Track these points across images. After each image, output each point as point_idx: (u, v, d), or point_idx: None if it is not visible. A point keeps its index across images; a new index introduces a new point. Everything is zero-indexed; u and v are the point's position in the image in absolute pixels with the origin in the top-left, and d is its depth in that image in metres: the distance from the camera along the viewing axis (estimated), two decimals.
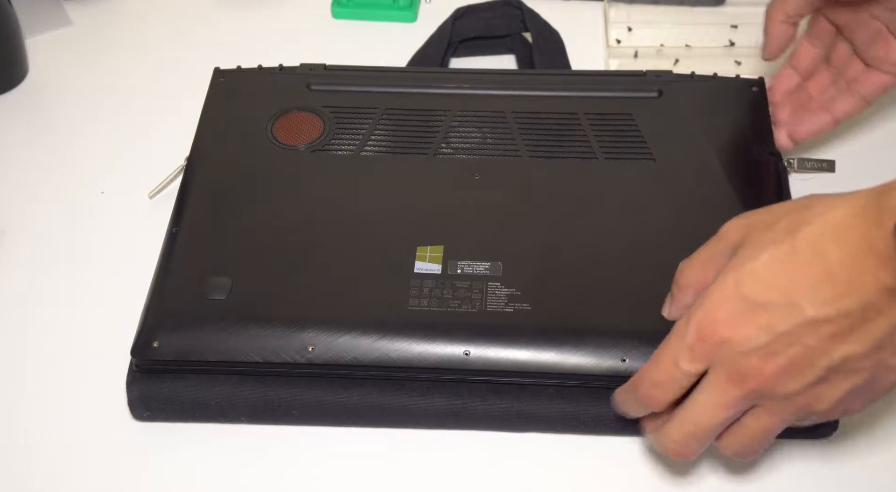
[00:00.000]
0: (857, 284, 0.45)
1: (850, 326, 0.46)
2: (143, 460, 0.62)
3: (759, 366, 0.47)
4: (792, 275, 0.46)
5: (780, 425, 0.51)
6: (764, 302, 0.47)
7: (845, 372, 0.47)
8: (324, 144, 0.73)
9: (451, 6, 0.87)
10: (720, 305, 0.48)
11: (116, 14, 0.93)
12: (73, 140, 0.82)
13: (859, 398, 0.49)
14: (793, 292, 0.46)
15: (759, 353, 0.47)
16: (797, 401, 0.49)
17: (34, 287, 0.71)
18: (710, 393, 0.49)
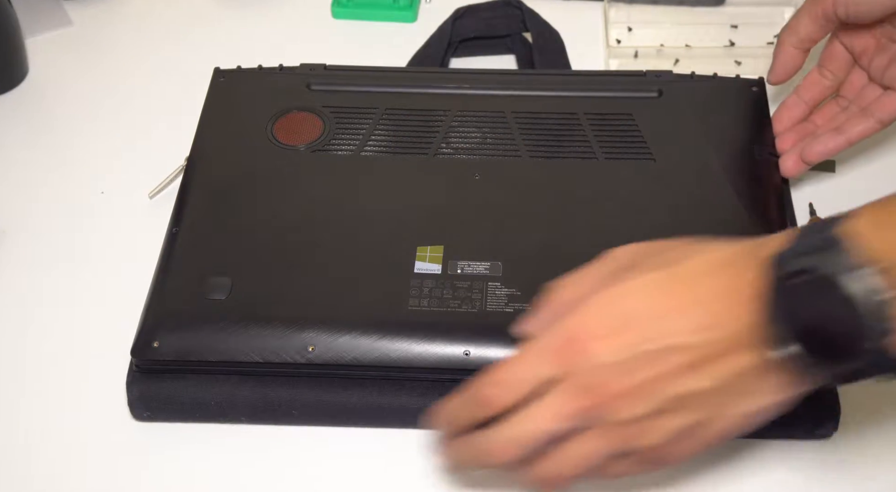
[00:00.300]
0: (724, 319, 0.46)
1: (706, 358, 0.46)
2: (143, 460, 0.62)
3: (608, 382, 0.47)
4: (667, 300, 0.47)
5: (600, 455, 0.49)
6: (636, 320, 0.47)
7: (685, 407, 0.48)
8: (324, 144, 0.73)
9: (451, 6, 0.87)
10: (595, 315, 0.48)
11: (116, 14, 0.93)
12: (73, 140, 0.82)
13: (686, 441, 0.49)
14: (665, 317, 0.47)
15: (613, 369, 0.47)
16: (629, 429, 0.48)
17: (34, 287, 0.71)
18: (550, 401, 0.48)
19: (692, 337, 0.46)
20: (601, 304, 0.48)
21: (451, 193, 0.69)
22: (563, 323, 0.49)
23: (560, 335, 0.48)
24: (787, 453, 0.61)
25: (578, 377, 0.48)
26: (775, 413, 0.49)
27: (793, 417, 0.60)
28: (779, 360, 0.46)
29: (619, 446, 0.49)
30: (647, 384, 0.47)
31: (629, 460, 0.50)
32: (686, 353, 0.46)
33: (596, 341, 0.47)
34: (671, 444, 0.49)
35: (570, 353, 0.48)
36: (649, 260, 0.49)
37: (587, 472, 0.50)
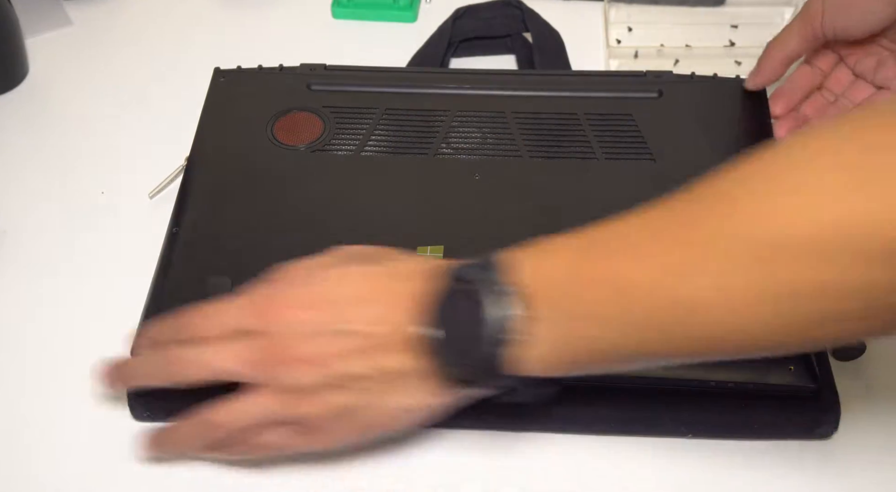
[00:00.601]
0: (394, 318, 0.51)
1: (373, 348, 0.51)
2: (144, 460, 0.62)
3: (289, 346, 0.52)
4: (359, 292, 0.53)
5: (264, 412, 0.53)
6: (329, 302, 0.52)
7: (346, 388, 0.52)
8: (324, 144, 0.73)
9: (451, 6, 0.87)
10: (300, 287, 0.54)
11: (116, 14, 0.93)
12: (73, 140, 0.82)
13: (344, 422, 0.53)
14: (352, 305, 0.52)
15: (297, 337, 0.52)
16: (294, 396, 0.52)
17: (34, 287, 0.71)
18: (237, 345, 0.53)
19: (366, 327, 0.52)
20: (308, 281, 0.54)
21: (452, 193, 0.69)
22: (273, 287, 0.54)
23: (266, 296, 0.54)
24: (787, 453, 0.61)
25: (267, 336, 0.53)
26: (434, 414, 0.54)
27: (793, 417, 0.61)
28: (428, 363, 0.51)
29: (282, 409, 0.53)
30: (319, 358, 0.52)
31: (288, 430, 0.54)
32: (358, 339, 0.51)
33: (292, 310, 0.53)
34: (329, 420, 0.53)
35: (268, 313, 0.53)
36: (364, 257, 0.55)
37: (248, 426, 0.54)
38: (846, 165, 0.38)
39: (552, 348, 0.48)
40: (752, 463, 0.61)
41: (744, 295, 0.41)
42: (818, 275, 0.39)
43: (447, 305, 0.50)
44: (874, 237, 0.37)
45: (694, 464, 0.61)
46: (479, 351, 0.49)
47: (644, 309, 0.45)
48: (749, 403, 0.61)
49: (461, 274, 0.50)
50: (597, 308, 0.46)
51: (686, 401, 0.61)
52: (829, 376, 0.62)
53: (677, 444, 0.62)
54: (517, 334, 0.48)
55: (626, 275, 0.45)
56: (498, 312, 0.48)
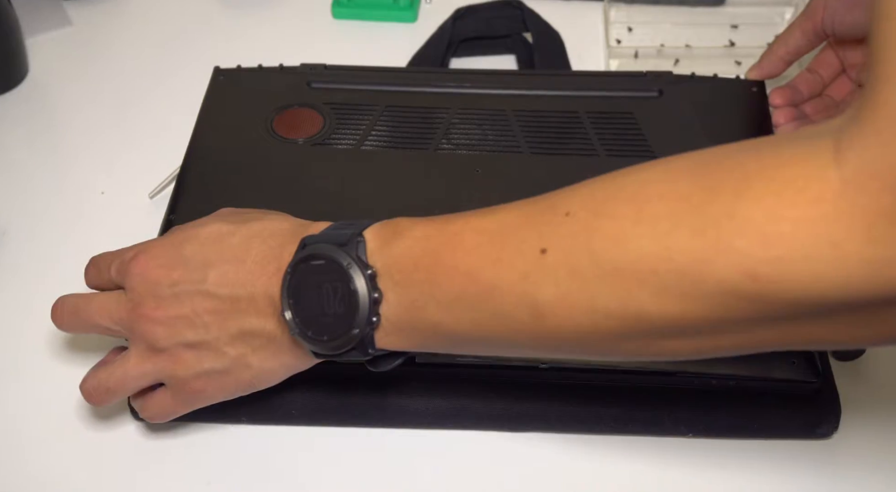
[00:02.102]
0: (251, 281, 0.52)
1: (231, 312, 0.53)
2: (144, 460, 0.62)
3: (147, 305, 0.54)
4: (218, 253, 0.54)
5: (138, 370, 0.56)
6: (187, 263, 0.54)
7: (212, 351, 0.54)
8: (324, 139, 0.73)
9: (451, 6, 0.87)
10: (164, 247, 0.55)
11: (116, 14, 0.93)
12: (73, 140, 0.82)
13: (216, 383, 0.55)
14: (208, 266, 0.53)
15: (154, 296, 0.54)
16: (163, 355, 0.55)
17: (34, 287, 0.71)
18: (114, 298, 0.56)
19: (222, 289, 0.53)
20: (179, 240, 0.55)
21: (452, 187, 0.69)
22: (148, 245, 0.56)
23: (139, 252, 0.56)
24: (787, 453, 0.61)
25: (132, 293, 0.55)
26: (307, 365, 0.55)
27: (793, 417, 0.61)
28: (283, 328, 0.52)
29: (155, 368, 0.55)
30: (180, 320, 0.53)
31: (168, 394, 0.56)
32: (216, 301, 0.53)
33: (155, 269, 0.54)
34: (199, 380, 0.55)
35: (135, 270, 0.55)
36: (229, 215, 0.57)
37: (125, 385, 0.56)
38: (679, 199, 0.40)
39: (402, 329, 0.49)
40: (752, 463, 0.61)
41: (584, 307, 0.43)
42: (656, 303, 0.41)
43: (306, 282, 0.50)
44: (695, 273, 0.39)
45: (694, 464, 0.61)
46: (339, 334, 0.50)
47: (495, 306, 0.46)
48: (749, 403, 0.61)
49: (323, 248, 0.50)
50: (444, 298, 0.47)
51: (686, 400, 0.61)
52: (829, 375, 0.62)
53: (677, 444, 0.62)
54: (375, 319, 0.49)
55: (481, 273, 0.46)
56: (361, 295, 0.49)
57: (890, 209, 0.34)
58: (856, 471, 0.61)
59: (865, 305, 0.37)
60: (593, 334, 0.44)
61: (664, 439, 0.62)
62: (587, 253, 0.42)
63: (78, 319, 0.58)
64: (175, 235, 0.56)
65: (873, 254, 0.35)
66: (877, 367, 0.65)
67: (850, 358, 0.65)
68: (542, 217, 0.45)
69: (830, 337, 0.41)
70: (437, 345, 0.50)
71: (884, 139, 0.35)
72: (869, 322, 0.39)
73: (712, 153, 0.42)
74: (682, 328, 0.41)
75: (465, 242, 0.47)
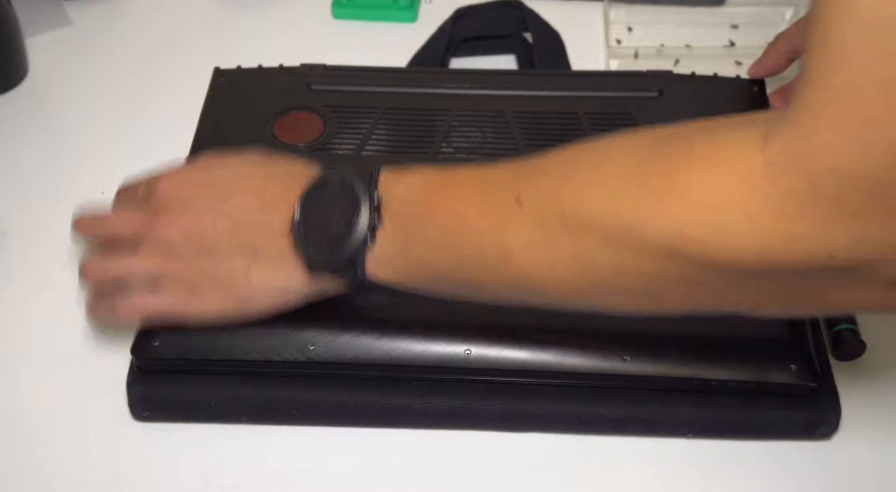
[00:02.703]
0: (271, 210, 0.58)
1: (245, 232, 0.58)
2: (144, 460, 0.62)
3: (173, 212, 0.59)
4: (244, 182, 0.60)
5: (144, 264, 0.59)
6: (215, 186, 0.60)
7: (219, 259, 0.58)
8: (324, 143, 0.73)
9: (451, 6, 0.87)
10: (191, 170, 0.62)
11: (116, 14, 0.92)
12: (73, 140, 0.82)
13: (214, 291, 0.59)
14: (233, 193, 0.59)
15: (177, 206, 0.59)
16: (171, 256, 0.59)
17: (34, 287, 0.71)
18: (138, 209, 0.61)
19: (240, 214, 0.58)
20: (202, 164, 0.62)
21: None
22: (174, 166, 0.62)
23: (171, 172, 0.62)
24: (787, 453, 0.61)
25: (157, 203, 0.60)
26: (295, 299, 0.59)
27: (793, 417, 0.61)
28: (292, 247, 0.56)
29: (157, 266, 0.59)
30: (194, 226, 0.58)
31: (168, 290, 0.59)
32: (233, 222, 0.58)
33: (180, 185, 0.60)
34: (197, 283, 0.59)
35: (160, 184, 0.60)
36: (258, 156, 0.62)
37: (126, 272, 0.60)
38: (633, 166, 0.45)
39: (391, 260, 0.54)
40: (752, 463, 0.61)
41: (546, 255, 0.48)
42: (605, 256, 0.46)
43: (319, 199, 0.56)
44: (638, 230, 0.44)
45: (694, 464, 0.61)
46: (337, 245, 0.54)
47: (472, 248, 0.51)
48: (749, 403, 0.61)
49: (339, 175, 0.56)
50: (432, 235, 0.52)
51: (686, 401, 0.61)
52: (829, 375, 0.62)
53: (677, 444, 0.62)
54: (370, 241, 0.54)
55: (467, 216, 0.51)
56: (363, 216, 0.54)
57: (800, 191, 0.39)
58: (856, 471, 0.61)
59: (784, 274, 0.42)
60: (552, 282, 0.49)
61: (664, 439, 0.62)
62: (553, 207, 0.47)
63: (97, 224, 0.63)
64: (205, 161, 0.62)
65: (784, 229, 0.40)
66: (877, 367, 0.65)
67: (850, 358, 0.65)
68: (524, 173, 0.50)
69: (758, 305, 0.46)
70: (420, 279, 0.54)
71: (803, 133, 0.39)
72: (791, 293, 0.44)
73: (670, 130, 0.46)
74: (625, 283, 0.46)
75: (460, 188, 0.52)
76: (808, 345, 0.61)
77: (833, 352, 0.65)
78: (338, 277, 0.56)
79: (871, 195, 0.38)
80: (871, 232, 0.39)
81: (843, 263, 0.40)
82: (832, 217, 0.39)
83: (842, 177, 0.38)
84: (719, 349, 0.60)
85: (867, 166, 0.38)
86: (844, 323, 0.65)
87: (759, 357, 0.60)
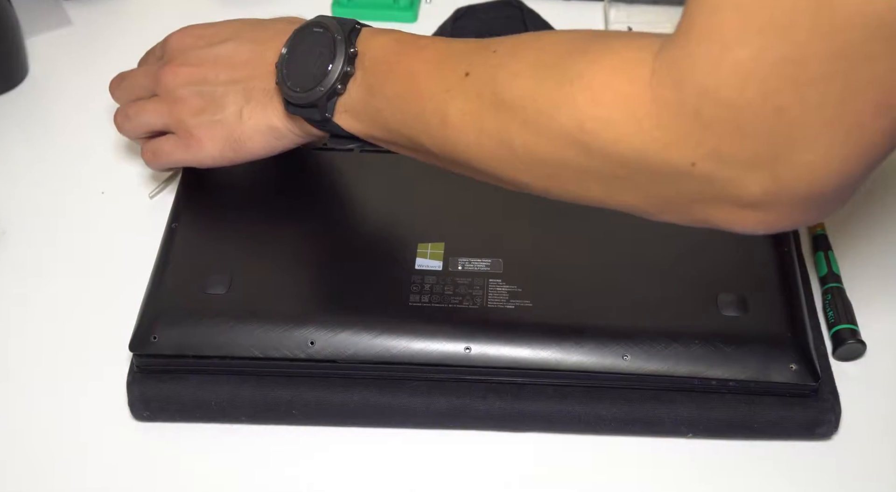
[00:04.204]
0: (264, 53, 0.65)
1: (240, 76, 0.65)
2: (144, 460, 0.62)
3: (179, 61, 0.67)
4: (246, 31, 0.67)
5: (154, 109, 0.68)
6: (218, 31, 0.68)
7: (216, 102, 0.66)
8: (324, 142, 0.73)
9: (451, 6, 0.87)
10: (201, 25, 0.70)
11: (116, 14, 0.92)
12: (74, 140, 0.82)
13: (211, 132, 0.66)
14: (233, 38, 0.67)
15: (185, 55, 0.68)
16: (177, 103, 0.67)
17: (34, 287, 0.71)
18: (149, 66, 0.71)
19: (242, 49, 0.66)
20: (215, 25, 0.69)
21: (453, 190, 0.69)
22: (192, 25, 0.70)
23: (182, 28, 0.70)
24: (787, 453, 0.61)
25: (167, 54, 0.69)
26: (278, 143, 0.66)
27: (793, 417, 0.61)
28: (275, 85, 0.62)
29: (167, 112, 0.67)
30: (196, 75, 0.66)
31: (171, 139, 0.68)
32: (231, 69, 0.66)
33: (190, 39, 0.68)
34: (199, 129, 0.66)
35: (172, 36, 0.70)
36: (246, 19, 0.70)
37: (140, 116, 0.69)
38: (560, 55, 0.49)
39: (356, 109, 0.59)
40: (752, 463, 0.61)
41: (476, 126, 0.52)
42: (521, 135, 0.49)
43: (305, 40, 0.61)
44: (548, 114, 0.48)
45: (694, 464, 0.61)
46: (311, 86, 0.59)
47: (419, 108, 0.55)
48: (749, 403, 0.61)
49: (328, 24, 0.60)
50: (390, 92, 0.57)
51: (686, 400, 0.61)
52: (829, 375, 0.62)
53: (677, 444, 0.62)
54: (341, 88, 0.58)
55: (421, 80, 0.55)
56: (338, 63, 0.58)
57: (671, 101, 0.43)
58: (856, 471, 0.61)
59: (659, 175, 0.45)
60: (475, 152, 0.52)
61: (664, 439, 0.62)
62: (491, 82, 0.51)
63: (122, 83, 0.72)
64: (212, 23, 0.70)
65: (659, 133, 0.44)
66: (877, 367, 0.65)
67: (850, 358, 0.65)
68: (479, 50, 0.54)
69: (641, 204, 0.49)
70: (377, 133, 0.59)
71: (678, 45, 0.43)
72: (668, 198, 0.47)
73: (601, 33, 0.51)
74: (534, 164, 0.50)
75: (423, 55, 0.56)
76: (808, 344, 0.61)
77: (833, 352, 0.65)
78: (308, 118, 0.61)
79: (723, 113, 0.41)
80: (725, 149, 0.42)
81: (703, 173, 0.44)
82: (693, 128, 0.42)
83: (701, 92, 0.41)
84: (719, 348, 0.60)
85: (719, 85, 0.41)
86: (844, 323, 0.65)
87: (759, 356, 0.60)
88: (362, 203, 0.69)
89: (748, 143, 0.42)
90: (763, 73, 0.40)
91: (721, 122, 0.42)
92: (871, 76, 0.39)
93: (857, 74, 0.39)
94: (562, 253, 0.66)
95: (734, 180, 0.43)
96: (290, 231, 0.68)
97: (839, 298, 0.66)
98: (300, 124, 0.63)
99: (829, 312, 0.66)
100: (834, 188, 0.43)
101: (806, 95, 0.40)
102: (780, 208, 0.44)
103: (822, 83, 0.39)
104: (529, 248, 0.66)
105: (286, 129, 0.65)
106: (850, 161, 0.42)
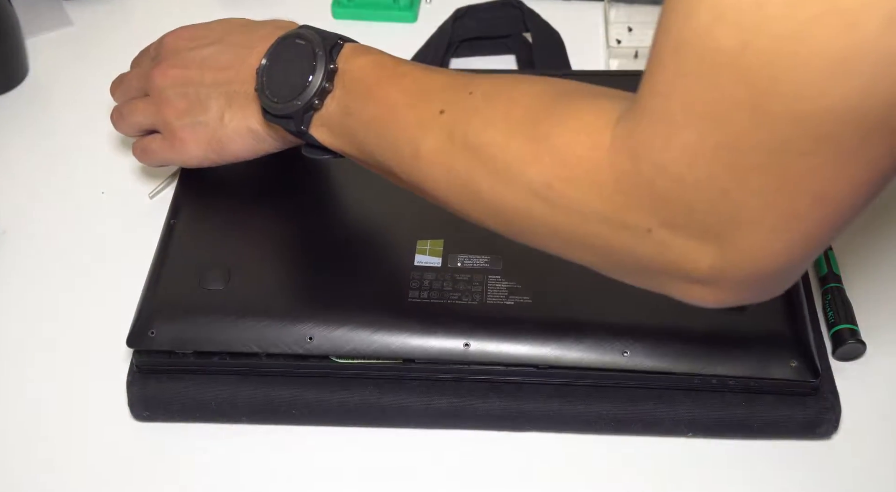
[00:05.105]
0: (247, 56, 0.65)
1: (224, 80, 0.66)
2: (143, 460, 0.62)
3: (169, 63, 0.68)
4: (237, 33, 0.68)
5: (143, 110, 0.69)
6: (209, 32, 0.69)
7: (201, 104, 0.67)
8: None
9: (451, 6, 0.87)
10: (194, 26, 0.71)
11: (116, 14, 0.93)
12: (74, 140, 0.82)
13: (195, 133, 0.67)
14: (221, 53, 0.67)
15: (176, 56, 0.68)
16: (165, 104, 0.68)
17: (34, 287, 0.71)
18: (141, 67, 0.72)
19: (225, 65, 0.66)
20: (208, 25, 0.71)
21: None
22: (185, 25, 0.71)
23: (176, 29, 0.71)
24: (787, 453, 0.61)
25: (159, 56, 0.70)
26: (259, 146, 0.67)
27: (793, 416, 0.61)
28: (254, 91, 0.62)
29: (153, 113, 0.69)
30: (183, 77, 0.67)
31: (158, 138, 0.69)
32: (215, 71, 0.66)
33: (182, 40, 0.69)
34: (184, 130, 0.67)
35: (165, 37, 0.71)
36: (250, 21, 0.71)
37: (132, 114, 0.70)
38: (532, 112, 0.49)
39: (332, 125, 0.59)
40: (752, 463, 0.61)
41: (446, 165, 0.52)
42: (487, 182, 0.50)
43: (287, 50, 0.60)
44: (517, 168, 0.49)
45: (694, 464, 0.61)
46: (288, 98, 0.59)
47: (393, 137, 0.55)
48: (749, 402, 0.61)
49: (312, 36, 0.60)
50: (366, 115, 0.57)
51: (686, 400, 0.61)
52: (829, 375, 0.62)
53: (677, 444, 0.62)
54: (318, 103, 0.58)
55: (397, 109, 0.55)
56: (317, 78, 0.58)
57: (630, 171, 0.44)
58: (856, 471, 0.61)
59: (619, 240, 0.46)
60: (443, 190, 0.53)
61: (664, 439, 0.62)
62: (464, 125, 0.51)
63: (120, 83, 0.73)
64: (209, 22, 0.71)
65: (618, 199, 0.45)
66: (877, 367, 0.65)
67: (850, 358, 0.65)
68: (457, 88, 0.54)
69: (599, 262, 0.50)
70: (349, 150, 0.59)
71: (635, 118, 0.44)
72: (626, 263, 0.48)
73: (569, 86, 0.51)
74: (498, 211, 0.51)
75: (402, 83, 0.56)
76: (808, 341, 0.61)
77: (833, 352, 0.65)
78: (284, 128, 0.61)
79: (675, 188, 0.42)
80: (678, 220, 0.43)
81: (659, 240, 0.45)
82: (649, 197, 0.44)
83: (654, 166, 0.43)
84: (719, 345, 0.60)
85: (670, 162, 0.42)
86: (844, 323, 0.65)
87: (759, 353, 0.60)
88: (361, 199, 0.69)
89: (698, 217, 0.43)
90: (707, 157, 0.41)
91: (673, 195, 0.43)
92: (806, 170, 0.40)
93: (793, 168, 0.40)
94: None
95: (686, 252, 0.44)
96: (289, 227, 0.68)
97: (839, 298, 0.66)
98: (278, 130, 0.64)
99: (829, 312, 0.66)
100: (777, 271, 0.44)
101: (746, 182, 0.41)
102: (727, 286, 0.45)
103: (759, 172, 0.40)
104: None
105: (265, 133, 0.65)
106: (792, 248, 0.43)
